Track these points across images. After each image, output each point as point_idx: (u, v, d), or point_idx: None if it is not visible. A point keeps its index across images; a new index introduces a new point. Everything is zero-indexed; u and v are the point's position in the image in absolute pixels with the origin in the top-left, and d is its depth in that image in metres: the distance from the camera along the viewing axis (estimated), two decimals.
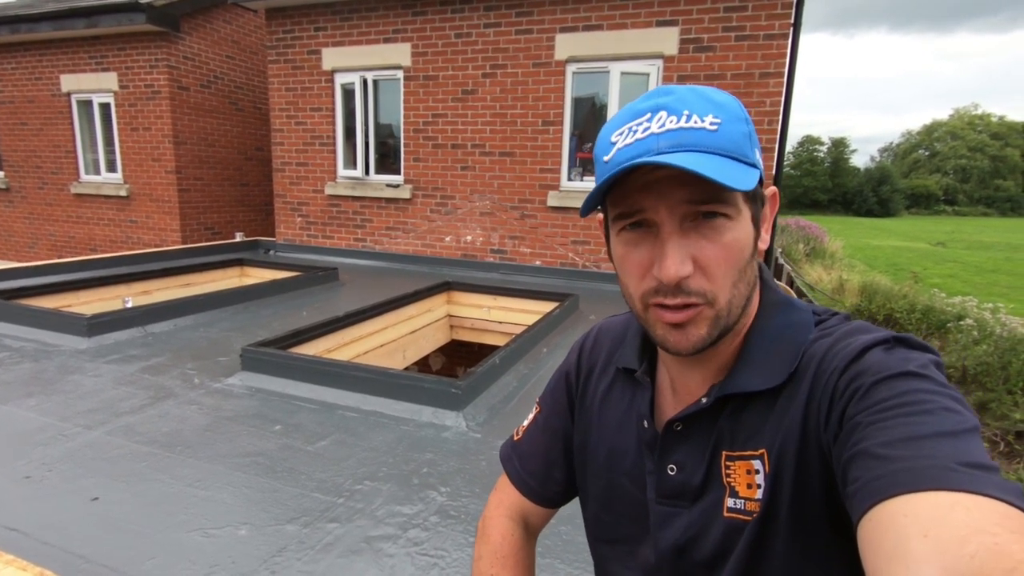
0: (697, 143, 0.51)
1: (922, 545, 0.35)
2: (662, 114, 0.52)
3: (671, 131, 0.51)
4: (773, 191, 0.60)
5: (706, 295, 0.53)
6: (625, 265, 0.57)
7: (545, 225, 5.43)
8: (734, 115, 0.53)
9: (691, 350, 0.55)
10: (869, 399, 0.45)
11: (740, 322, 0.58)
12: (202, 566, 1.41)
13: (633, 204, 0.54)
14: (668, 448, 0.61)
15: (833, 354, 0.52)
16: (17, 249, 8.31)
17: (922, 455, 0.39)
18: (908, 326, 8.06)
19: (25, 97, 7.64)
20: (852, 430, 0.45)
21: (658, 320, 0.55)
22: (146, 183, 7.15)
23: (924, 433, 0.41)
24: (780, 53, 4.49)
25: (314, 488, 1.79)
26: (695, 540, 0.59)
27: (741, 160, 0.52)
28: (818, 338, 0.55)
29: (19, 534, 1.50)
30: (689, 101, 0.52)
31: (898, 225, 38.65)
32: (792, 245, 16.16)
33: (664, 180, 0.52)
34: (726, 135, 0.51)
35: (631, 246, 0.56)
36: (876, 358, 0.48)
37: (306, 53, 6.05)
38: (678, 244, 0.52)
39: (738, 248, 0.53)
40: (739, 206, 0.53)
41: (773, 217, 0.61)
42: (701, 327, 0.54)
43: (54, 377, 2.65)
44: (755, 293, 0.59)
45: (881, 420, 0.43)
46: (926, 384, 0.45)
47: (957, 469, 0.38)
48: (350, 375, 2.53)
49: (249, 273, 5.72)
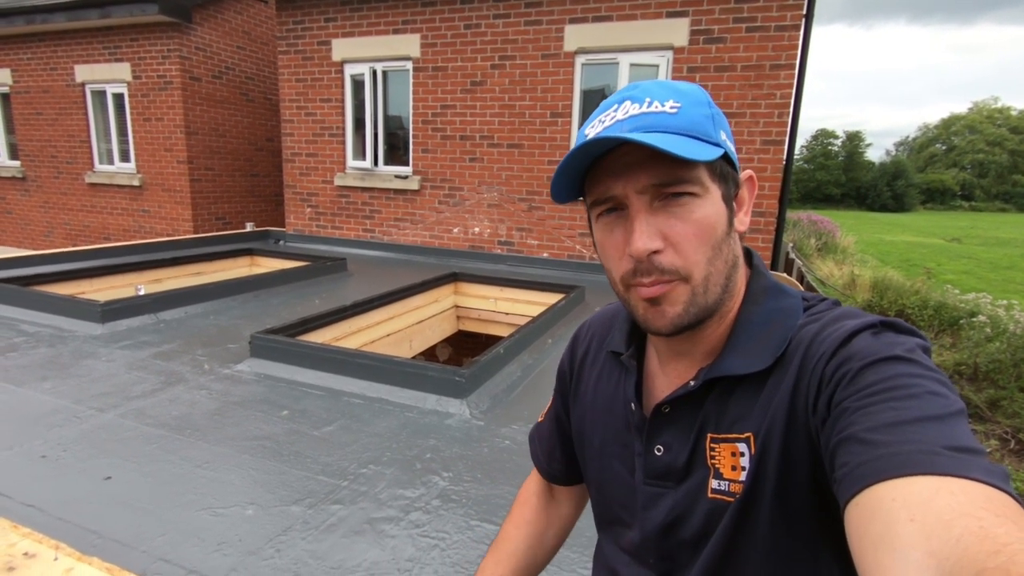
0: (657, 124, 0.53)
1: (908, 529, 0.36)
2: (627, 103, 0.56)
3: (633, 116, 0.54)
4: (749, 174, 0.62)
5: (679, 271, 0.54)
6: (605, 249, 0.59)
7: (553, 217, 5.44)
8: (695, 100, 0.56)
9: (670, 328, 0.56)
10: (856, 384, 0.46)
11: (725, 305, 0.59)
12: (210, 543, 1.45)
13: (604, 190, 0.56)
14: (655, 430, 0.63)
15: (821, 339, 0.52)
16: (33, 237, 8.45)
17: (908, 440, 0.40)
18: (920, 322, 7.98)
19: (40, 87, 7.74)
20: (840, 415, 0.45)
21: (638, 299, 0.57)
22: (158, 173, 7.23)
23: (910, 418, 0.41)
24: (792, 44, 4.45)
25: (319, 471, 1.83)
26: (680, 520, 0.61)
27: (701, 139, 0.54)
28: (806, 323, 0.56)
29: (35, 510, 1.55)
30: (651, 90, 0.56)
31: (913, 220, 38.12)
32: (804, 240, 16.02)
33: (630, 162, 0.54)
34: (686, 116, 0.54)
35: (608, 231, 0.58)
36: (864, 343, 0.49)
37: (316, 44, 6.07)
38: (645, 221, 0.54)
39: (708, 224, 0.55)
40: (705, 184, 0.55)
41: (752, 201, 0.62)
42: (677, 304, 0.55)
43: (69, 361, 2.71)
44: (739, 275, 0.60)
45: (868, 405, 0.44)
46: (913, 368, 0.45)
47: (942, 453, 0.39)
48: (356, 363, 2.56)
49: (259, 263, 5.78)
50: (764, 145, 4.64)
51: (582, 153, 0.54)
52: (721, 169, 0.57)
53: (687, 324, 0.56)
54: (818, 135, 59.21)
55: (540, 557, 0.83)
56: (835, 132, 59.28)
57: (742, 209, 0.61)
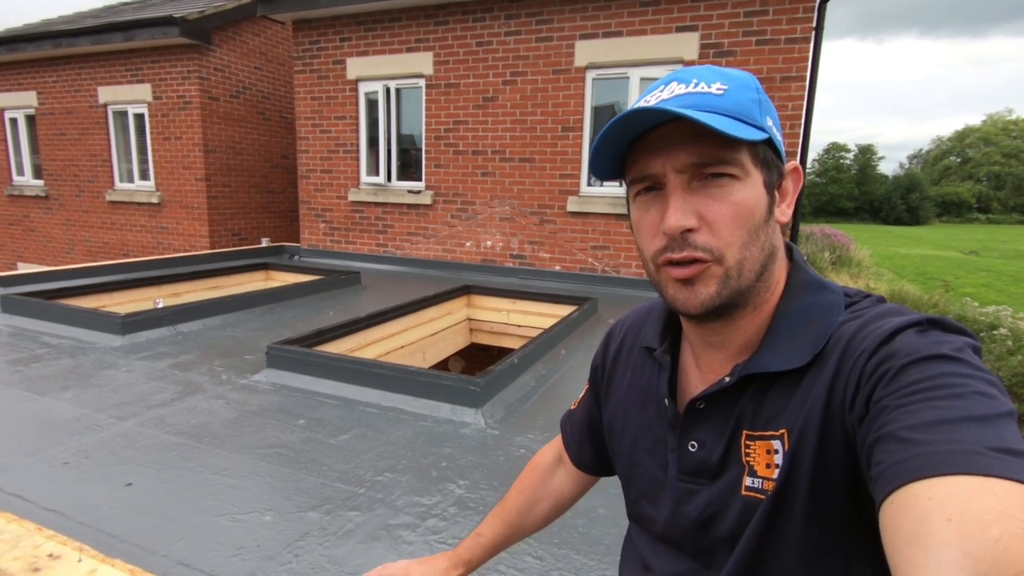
0: (702, 104, 0.53)
1: (944, 529, 0.34)
2: (673, 84, 0.56)
3: (678, 95, 0.54)
4: (795, 166, 0.61)
5: (712, 251, 0.53)
6: (640, 228, 0.59)
7: (564, 230, 5.46)
8: (743, 84, 0.55)
9: (700, 309, 0.55)
10: (898, 382, 0.44)
11: (760, 295, 0.58)
12: (229, 548, 1.46)
13: (643, 167, 0.56)
14: (690, 426, 0.62)
15: (863, 336, 0.50)
16: (54, 254, 8.63)
17: (949, 439, 0.38)
18: None
19: (65, 108, 7.96)
20: (879, 413, 0.44)
21: (668, 279, 0.56)
22: (177, 190, 7.38)
23: (952, 417, 0.39)
24: (802, 57, 4.47)
25: (336, 478, 1.84)
26: (715, 517, 0.60)
27: (746, 121, 0.53)
28: (847, 320, 0.54)
29: (58, 515, 1.57)
30: (699, 73, 0.56)
31: (928, 233, 37.68)
32: (817, 253, 15.88)
33: (671, 140, 0.54)
34: (732, 99, 0.53)
35: (644, 209, 0.58)
36: (908, 340, 0.47)
37: (331, 63, 6.20)
38: (682, 199, 0.54)
39: (747, 208, 0.54)
40: (746, 167, 0.54)
41: (797, 193, 0.61)
42: (710, 285, 0.54)
43: (90, 372, 2.75)
44: (776, 267, 0.59)
45: (909, 403, 0.42)
46: (959, 367, 0.43)
47: (986, 453, 0.37)
48: (371, 372, 2.58)
49: (274, 277, 5.85)
50: None
51: (622, 124, 0.53)
52: (764, 155, 0.55)
53: (718, 306, 0.55)
54: (830, 148, 58.95)
55: (527, 524, 0.86)
56: (847, 145, 58.94)
57: (785, 200, 0.60)
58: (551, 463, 0.88)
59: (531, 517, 0.85)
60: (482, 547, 0.83)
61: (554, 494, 0.86)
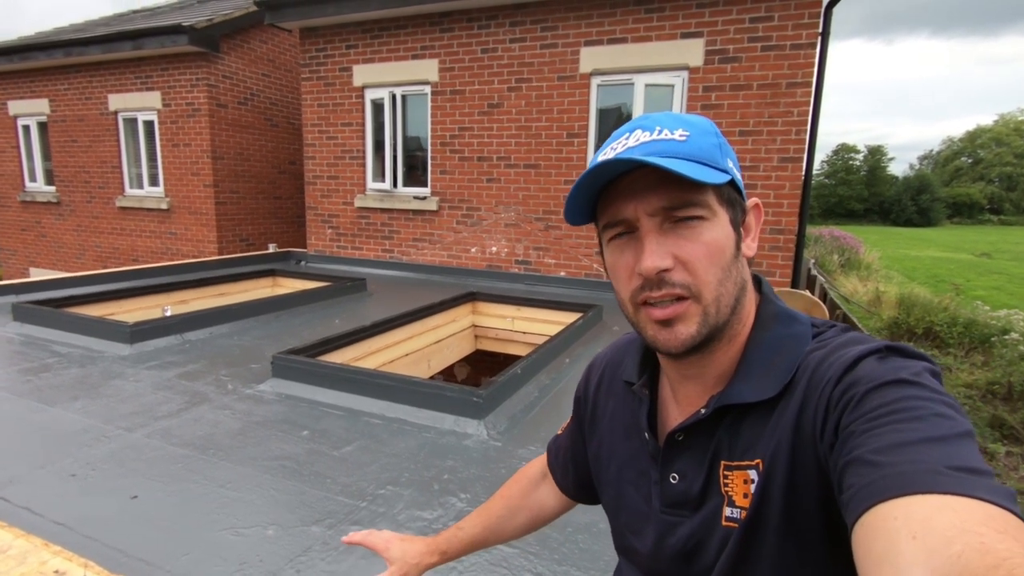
0: (667, 150, 0.55)
1: (910, 547, 0.36)
2: (637, 131, 0.58)
3: (644, 143, 0.57)
4: (755, 202, 0.63)
5: (690, 288, 0.56)
6: (615, 270, 0.61)
7: (570, 236, 5.46)
8: (703, 130, 0.58)
9: (681, 348, 0.57)
10: (862, 408, 0.46)
11: (733, 328, 0.60)
12: (232, 563, 1.47)
13: (616, 212, 0.58)
14: (670, 458, 0.63)
15: (827, 365, 0.52)
16: (66, 260, 8.73)
17: (911, 459, 0.40)
18: (949, 340, 7.78)
19: (76, 116, 8.07)
20: (847, 439, 0.46)
21: (648, 319, 0.58)
22: (185, 196, 7.45)
23: (914, 439, 0.42)
24: (808, 63, 4.45)
25: (339, 492, 1.85)
26: (698, 548, 0.61)
27: (709, 164, 0.56)
28: (814, 350, 0.56)
29: (65, 528, 1.59)
30: (662, 120, 0.58)
31: (939, 235, 37.31)
32: (826, 256, 15.77)
33: (641, 186, 0.56)
34: (694, 144, 0.56)
35: (618, 253, 0.60)
36: (869, 367, 0.49)
37: (338, 70, 6.25)
38: (656, 240, 0.56)
39: (718, 246, 0.56)
40: (713, 207, 0.57)
41: (759, 227, 0.64)
42: (690, 324, 0.56)
43: (98, 381, 2.79)
44: (747, 300, 0.61)
45: (873, 428, 0.44)
46: (918, 391, 0.45)
47: (945, 472, 0.39)
48: (375, 383, 2.59)
49: (281, 283, 5.89)
50: (781, 162, 4.62)
51: (594, 175, 0.56)
52: (728, 195, 0.58)
53: (698, 344, 0.57)
54: (839, 150, 58.54)
55: (505, 530, 0.89)
56: (856, 147, 58.49)
57: (749, 235, 0.62)
58: (537, 476, 0.91)
59: (511, 524, 0.89)
60: (460, 541, 0.87)
61: (535, 507, 0.90)
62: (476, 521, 0.88)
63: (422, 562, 0.83)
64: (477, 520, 0.88)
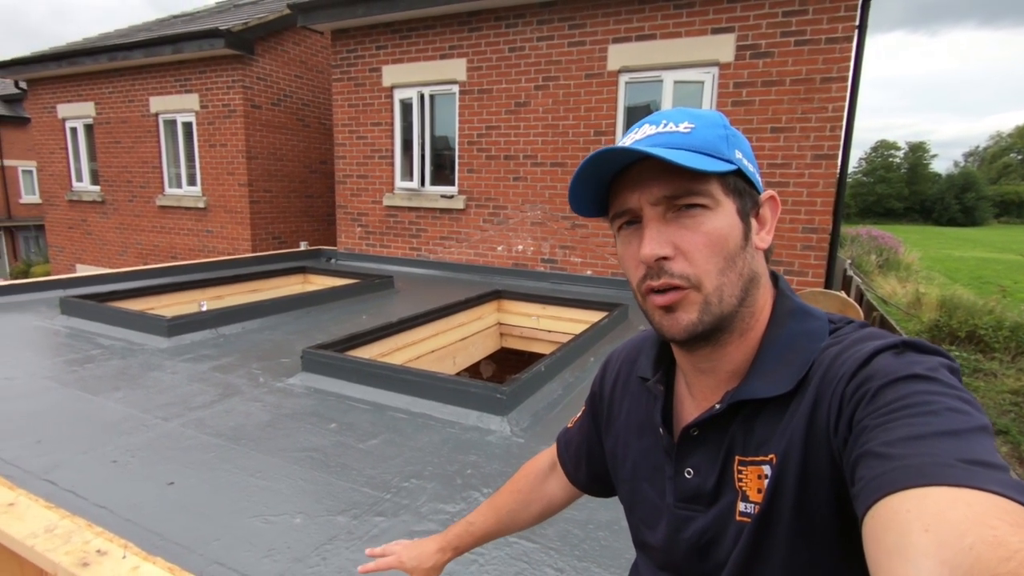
0: (669, 142, 0.57)
1: (922, 539, 0.36)
2: (645, 126, 0.60)
3: (649, 136, 0.59)
4: (771, 194, 0.63)
5: (689, 278, 0.56)
6: (624, 259, 0.63)
7: (596, 235, 5.43)
8: (709, 122, 0.59)
9: (683, 335, 0.58)
10: (876, 402, 0.46)
11: (744, 321, 0.60)
12: (261, 549, 1.52)
13: (622, 203, 0.60)
14: (684, 453, 0.64)
15: (842, 360, 0.52)
16: (109, 256, 9.10)
17: (924, 452, 0.40)
18: (994, 344, 7.47)
19: (120, 118, 8.39)
20: (860, 433, 0.46)
21: (653, 306, 0.59)
22: (221, 195, 7.68)
23: (926, 432, 0.42)
24: (843, 57, 4.33)
25: (364, 483, 1.89)
26: (713, 543, 0.61)
27: (712, 155, 0.57)
28: (829, 345, 0.56)
29: (106, 511, 1.67)
30: (669, 115, 0.60)
31: (985, 235, 35.76)
32: (863, 256, 15.28)
33: (645, 177, 0.58)
34: (698, 136, 0.57)
35: (627, 242, 0.62)
36: (884, 363, 0.49)
37: (368, 71, 6.35)
38: (656, 229, 0.57)
39: (719, 236, 0.57)
40: (717, 197, 0.57)
41: (775, 220, 0.64)
42: (691, 312, 0.57)
43: (138, 373, 2.90)
44: (760, 293, 0.61)
45: (886, 422, 0.44)
46: (933, 386, 0.45)
47: (957, 466, 0.39)
48: (401, 378, 2.63)
49: (311, 280, 6.02)
50: (815, 159, 4.51)
51: (596, 164, 0.58)
52: (735, 184, 0.59)
53: (701, 332, 0.58)
54: (878, 146, 56.69)
55: (517, 522, 0.91)
56: (896, 143, 56.64)
57: (764, 228, 0.62)
58: (546, 468, 0.92)
59: (522, 516, 0.91)
60: (472, 535, 0.89)
61: (545, 499, 0.91)
62: (488, 515, 0.90)
63: (438, 562, 0.86)
64: (489, 513, 0.90)
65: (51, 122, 9.22)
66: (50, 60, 8.55)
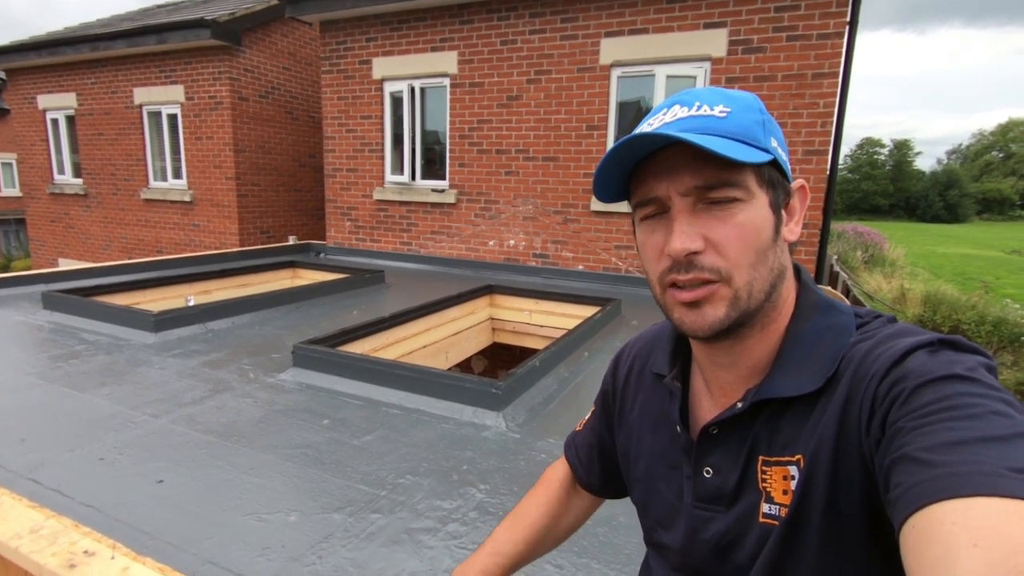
0: (704, 127, 0.53)
1: (971, 555, 0.34)
2: (676, 107, 0.56)
3: (681, 119, 0.54)
4: (801, 183, 0.60)
5: (720, 271, 0.53)
6: (645, 250, 0.59)
7: (588, 230, 5.42)
8: (746, 106, 0.55)
9: (708, 332, 0.55)
10: (912, 403, 0.44)
11: (767, 315, 0.57)
12: (255, 548, 1.49)
13: (648, 191, 0.56)
14: (704, 452, 0.61)
15: (873, 358, 0.50)
16: (93, 251, 8.93)
17: (968, 460, 0.38)
18: (977, 339, 7.60)
19: (103, 109, 8.22)
20: (894, 435, 0.43)
21: (674, 302, 0.56)
22: (208, 189, 7.56)
23: (970, 438, 0.39)
24: (835, 53, 4.35)
25: (359, 480, 1.86)
26: (733, 544, 0.59)
27: (750, 143, 0.53)
28: (858, 341, 0.54)
29: (94, 510, 1.63)
30: (702, 95, 0.55)
31: (968, 232, 36.36)
32: (849, 252, 15.47)
33: (675, 164, 0.54)
34: (735, 121, 0.53)
35: (649, 232, 0.58)
36: (919, 361, 0.46)
37: (357, 63, 6.27)
38: (687, 221, 0.54)
39: (752, 229, 0.53)
40: (751, 188, 0.53)
41: (803, 210, 0.61)
42: (719, 307, 0.54)
43: (124, 369, 2.84)
44: (785, 288, 0.58)
45: (924, 425, 0.41)
46: (974, 387, 0.43)
47: (1006, 475, 0.36)
48: (394, 374, 2.60)
49: (300, 275, 5.95)
50: (806, 155, 4.53)
51: (625, 149, 0.54)
52: (770, 176, 0.55)
53: (726, 328, 0.55)
54: (863, 144, 57.32)
55: (551, 539, 0.82)
56: (881, 140, 57.24)
57: (793, 219, 0.59)
58: (568, 477, 0.86)
59: (554, 533, 0.82)
60: (502, 568, 0.75)
61: (575, 509, 0.85)
62: (515, 539, 0.77)
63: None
64: (517, 538, 0.77)
65: (32, 113, 9.01)
66: (30, 49, 8.34)
